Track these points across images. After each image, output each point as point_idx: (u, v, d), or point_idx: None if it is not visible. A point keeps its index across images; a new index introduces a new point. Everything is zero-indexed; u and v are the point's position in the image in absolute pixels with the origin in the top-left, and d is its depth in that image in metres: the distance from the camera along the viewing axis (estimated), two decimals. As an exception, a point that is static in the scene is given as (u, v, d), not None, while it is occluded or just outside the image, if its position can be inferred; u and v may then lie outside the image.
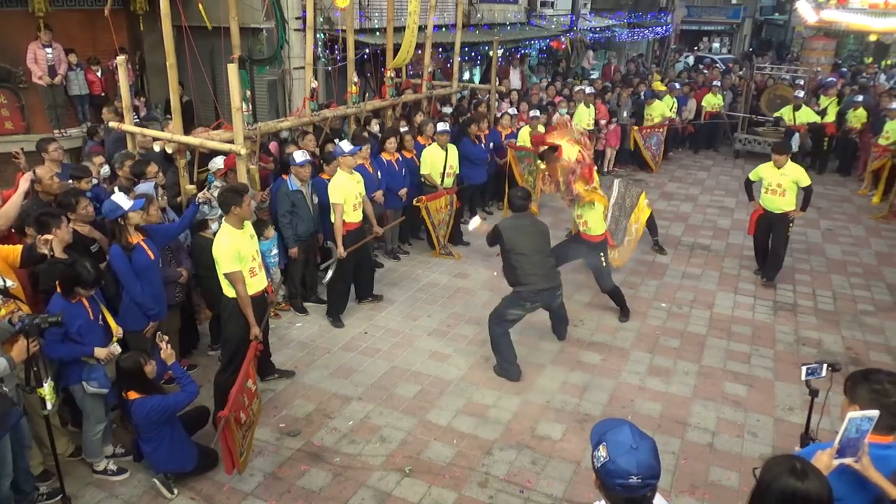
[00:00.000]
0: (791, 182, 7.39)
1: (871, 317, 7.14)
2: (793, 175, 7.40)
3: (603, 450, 2.04)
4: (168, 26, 5.99)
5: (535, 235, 5.65)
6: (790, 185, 7.39)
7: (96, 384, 4.22)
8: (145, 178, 5.54)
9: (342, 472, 4.54)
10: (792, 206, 7.48)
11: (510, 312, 5.66)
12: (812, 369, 3.57)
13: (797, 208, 7.54)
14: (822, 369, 3.54)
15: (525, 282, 5.53)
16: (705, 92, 14.66)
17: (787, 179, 7.40)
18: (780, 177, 7.43)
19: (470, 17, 14.39)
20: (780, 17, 35.92)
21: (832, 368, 3.50)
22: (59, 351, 4.08)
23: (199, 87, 9.96)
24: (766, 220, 7.63)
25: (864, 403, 2.51)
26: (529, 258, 5.53)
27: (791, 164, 7.48)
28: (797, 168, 7.50)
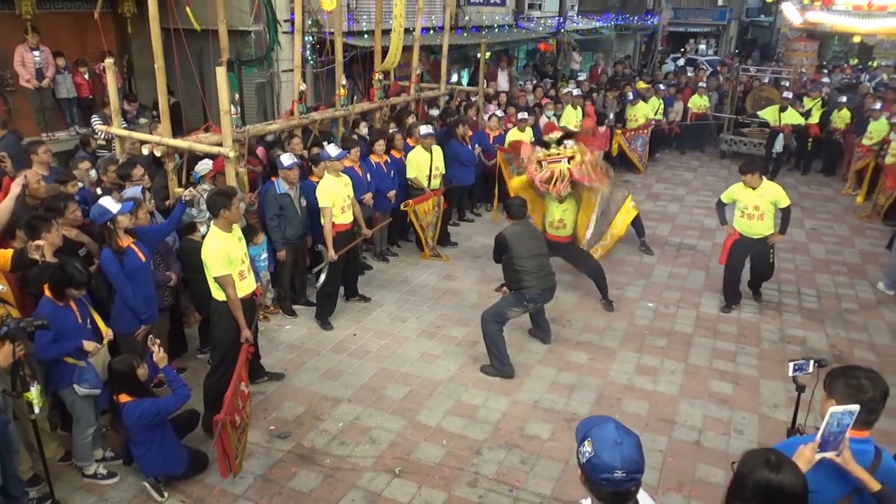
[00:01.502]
0: (769, 203, 6.69)
1: (854, 315, 7.24)
2: (770, 196, 6.70)
3: (588, 445, 2.07)
4: (156, 29, 5.99)
5: (534, 240, 5.90)
6: (768, 207, 6.71)
7: (87, 385, 4.22)
8: (131, 181, 5.54)
9: (332, 474, 4.56)
10: (770, 229, 6.82)
11: (511, 311, 5.84)
12: (799, 365, 3.63)
13: (776, 232, 6.87)
14: (808, 365, 3.60)
15: (528, 284, 5.72)
16: (691, 93, 14.79)
17: (765, 201, 6.70)
18: (756, 198, 6.72)
19: (458, 19, 14.44)
20: (766, 18, 36.26)
21: (819, 364, 3.55)
22: (50, 351, 4.08)
23: (187, 89, 9.96)
24: (742, 246, 6.92)
25: (840, 398, 2.57)
26: (531, 262, 5.74)
27: (767, 183, 6.78)
28: (774, 187, 6.78)
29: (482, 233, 9.48)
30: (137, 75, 11.13)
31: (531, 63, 19.00)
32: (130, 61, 11.13)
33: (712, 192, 11.97)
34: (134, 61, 11.08)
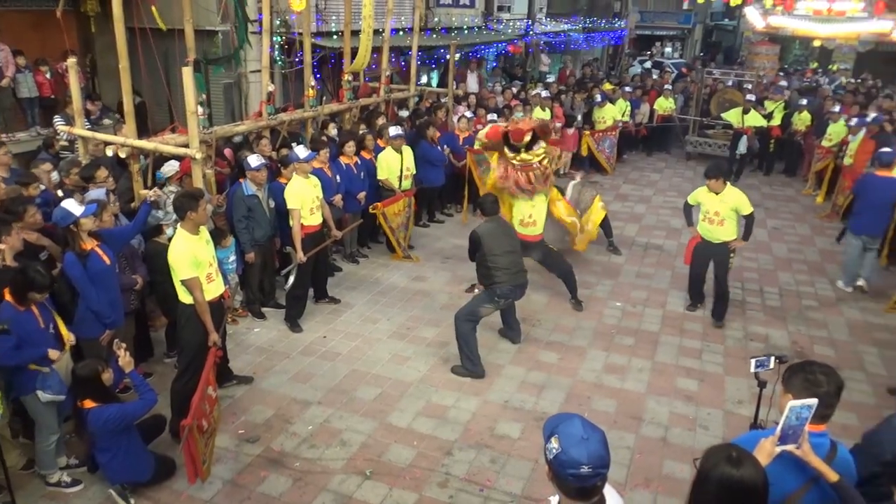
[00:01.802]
0: (730, 210, 6.62)
1: (815, 312, 7.43)
2: (732, 202, 6.61)
3: (555, 441, 2.11)
4: (120, 28, 5.90)
5: (506, 237, 5.96)
6: (729, 214, 6.63)
7: (51, 391, 4.14)
8: (95, 182, 5.45)
9: (302, 477, 4.54)
10: (731, 235, 6.72)
11: (483, 308, 5.88)
12: (761, 362, 3.72)
13: (738, 237, 6.77)
14: (770, 361, 3.69)
15: (500, 280, 5.77)
16: (657, 96, 15.02)
17: (726, 207, 6.63)
18: (718, 203, 6.65)
19: (427, 20, 14.47)
20: (730, 22, 36.94)
21: (780, 360, 3.64)
22: (12, 358, 3.99)
23: (153, 90, 9.81)
24: (703, 249, 6.89)
25: (797, 392, 2.64)
26: (504, 258, 5.79)
27: (730, 189, 6.67)
28: (736, 194, 6.68)
29: (452, 234, 9.51)
30: (101, 75, 10.93)
31: (500, 65, 19.11)
32: (94, 60, 10.92)
33: (678, 192, 12.18)
34: (97, 60, 10.87)
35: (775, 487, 2.41)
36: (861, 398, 5.75)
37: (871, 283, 7.99)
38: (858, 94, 15.14)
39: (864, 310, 7.52)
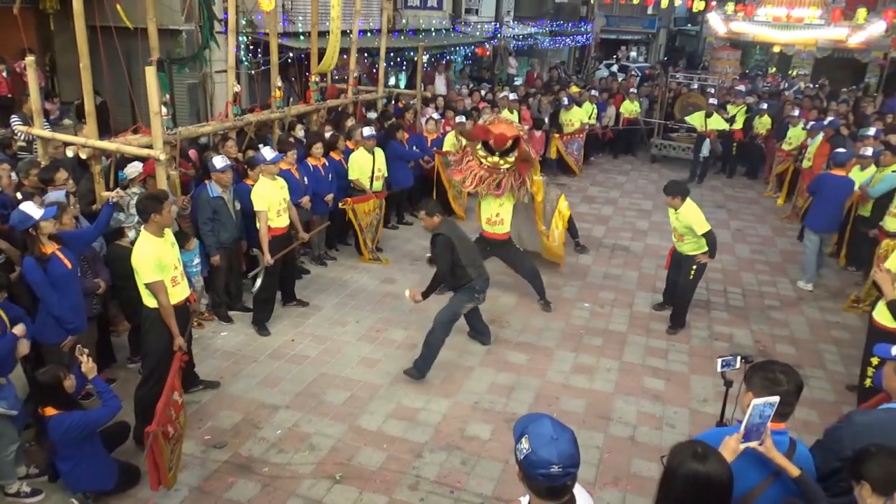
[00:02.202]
0: (684, 227, 6.56)
1: (776, 311, 7.61)
2: (685, 220, 6.50)
3: (525, 442, 2.12)
4: (81, 26, 5.75)
5: (462, 233, 6.02)
6: (685, 231, 6.59)
7: (5, 405, 4.01)
8: (54, 185, 5.30)
9: (271, 483, 4.48)
10: (693, 250, 6.66)
11: (465, 307, 5.95)
12: (727, 361, 3.78)
13: (703, 252, 6.64)
14: (736, 361, 3.76)
15: (473, 276, 5.82)
16: (622, 99, 15.22)
17: (681, 224, 6.57)
18: (674, 220, 6.65)
19: (395, 22, 14.44)
20: (693, 27, 37.60)
21: (745, 361, 3.71)
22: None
23: (115, 89, 9.59)
24: (676, 257, 6.99)
25: (757, 391, 2.70)
26: (469, 255, 5.87)
27: (686, 207, 6.50)
28: (691, 214, 6.49)
29: (421, 235, 9.47)
30: (61, 74, 10.67)
31: (468, 67, 19.18)
32: (53, 59, 10.66)
33: (644, 194, 12.37)
34: (57, 59, 10.61)
35: (738, 482, 2.45)
36: (821, 395, 5.90)
37: (829, 283, 8.22)
38: (816, 98, 15.54)
39: (823, 309, 7.72)
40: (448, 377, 5.88)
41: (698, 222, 6.46)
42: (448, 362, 6.11)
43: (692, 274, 6.73)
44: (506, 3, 20.19)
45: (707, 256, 6.63)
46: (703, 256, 6.62)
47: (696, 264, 6.68)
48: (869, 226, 7.96)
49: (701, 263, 6.66)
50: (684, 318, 7.00)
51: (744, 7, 20.88)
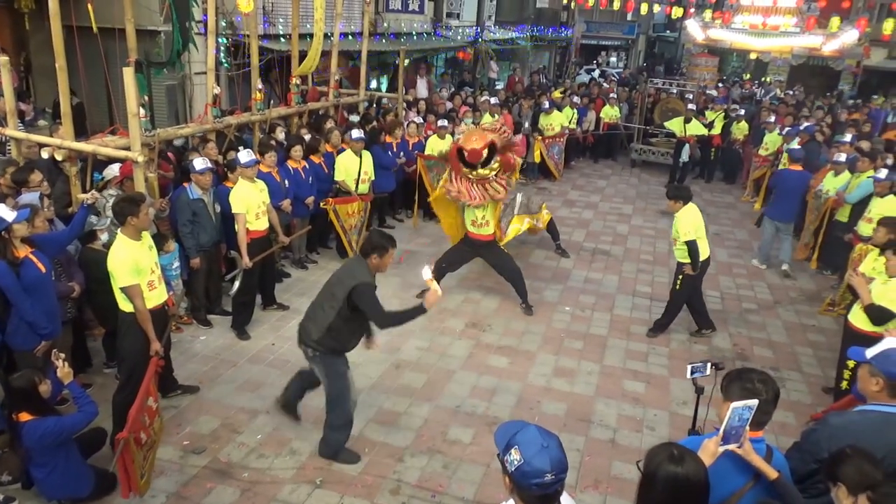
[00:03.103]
0: (676, 231, 6.50)
1: (754, 314, 7.70)
2: (676, 224, 6.49)
3: (516, 453, 2.11)
4: (57, 26, 5.66)
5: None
6: (677, 235, 6.51)
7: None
8: (28, 186, 5.21)
9: (251, 488, 4.43)
10: (682, 257, 6.61)
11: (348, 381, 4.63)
12: (697, 368, 3.79)
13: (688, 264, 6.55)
14: (706, 368, 3.78)
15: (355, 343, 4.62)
16: (603, 104, 15.34)
17: (674, 229, 6.54)
18: (673, 224, 6.62)
19: (376, 25, 14.42)
20: (672, 34, 38.05)
21: (716, 367, 3.74)
22: None
23: (92, 90, 9.47)
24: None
25: (734, 400, 2.71)
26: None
27: (683, 211, 6.45)
28: (682, 220, 6.45)
29: (403, 239, 9.44)
30: (36, 74, 10.49)
31: (450, 71, 19.21)
32: (28, 59, 10.48)
33: (624, 199, 12.46)
34: (32, 59, 10.43)
35: (720, 486, 2.48)
36: (798, 397, 5.98)
37: (805, 286, 8.33)
38: (789, 105, 15.79)
39: (799, 312, 7.83)
40: (429, 381, 5.87)
41: (685, 229, 6.40)
42: (429, 365, 6.10)
43: (678, 284, 6.70)
44: (487, 8, 20.26)
45: (689, 268, 6.52)
46: (689, 268, 6.53)
47: (682, 274, 6.62)
48: (846, 231, 8.10)
49: (686, 275, 6.58)
50: (666, 327, 6.99)
51: (721, 14, 21.19)
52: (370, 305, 4.29)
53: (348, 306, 4.28)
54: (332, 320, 4.33)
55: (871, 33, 21.06)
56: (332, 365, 4.49)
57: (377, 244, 4.39)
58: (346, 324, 4.36)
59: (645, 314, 7.50)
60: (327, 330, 4.35)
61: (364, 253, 4.42)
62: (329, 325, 4.34)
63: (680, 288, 6.72)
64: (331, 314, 4.33)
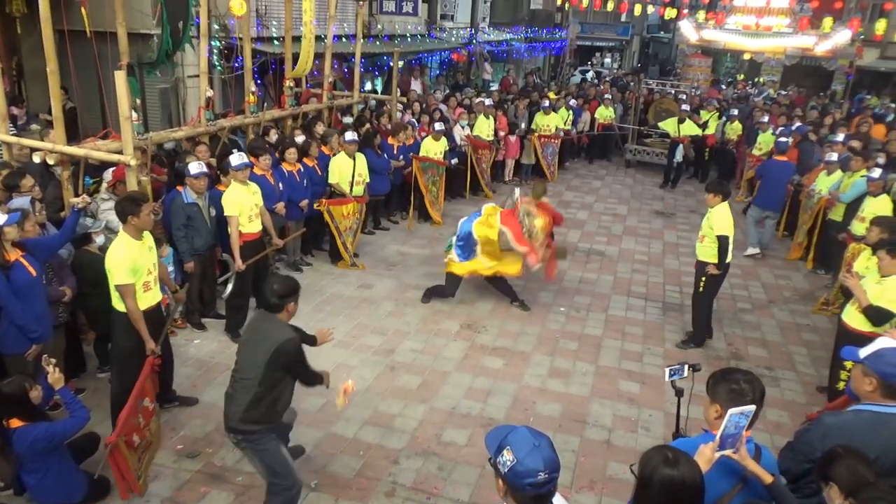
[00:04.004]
0: (708, 227, 6.39)
1: (748, 314, 7.71)
2: (711, 219, 6.38)
3: (508, 454, 2.11)
4: (48, 30, 5.64)
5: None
6: (708, 231, 6.40)
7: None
8: (20, 191, 5.18)
9: (245, 492, 4.41)
10: (708, 257, 6.46)
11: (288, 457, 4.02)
12: (675, 370, 3.74)
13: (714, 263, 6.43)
14: (683, 370, 3.75)
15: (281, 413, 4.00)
16: (597, 105, 15.37)
17: (706, 224, 6.44)
18: (705, 219, 6.52)
19: (370, 27, 14.43)
20: (665, 35, 38.20)
21: (693, 368, 3.73)
22: None
23: (85, 94, 9.45)
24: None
25: (723, 403, 2.68)
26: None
27: (720, 207, 6.35)
28: (717, 214, 6.34)
29: (398, 241, 9.47)
30: (28, 78, 10.47)
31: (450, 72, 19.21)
32: (20, 64, 10.45)
33: (619, 199, 12.48)
34: (24, 64, 10.41)
35: (709, 490, 2.47)
36: (792, 396, 5.99)
37: (799, 286, 8.34)
38: (782, 105, 15.84)
39: (793, 312, 7.85)
40: (424, 383, 5.86)
41: (721, 223, 6.30)
42: (424, 367, 6.10)
43: (701, 286, 6.58)
44: (481, 10, 20.30)
45: (715, 267, 6.43)
46: (712, 267, 6.44)
47: (705, 275, 6.51)
48: (840, 230, 8.12)
49: (710, 275, 6.48)
50: (702, 335, 6.81)
51: (715, 15, 21.27)
52: (296, 364, 3.76)
53: (273, 370, 3.68)
54: (255, 391, 3.69)
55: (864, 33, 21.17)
56: (266, 444, 3.83)
57: (289, 290, 3.81)
58: (271, 391, 3.73)
59: (640, 314, 7.50)
60: (250, 404, 3.70)
61: (273, 307, 3.77)
62: (252, 399, 3.70)
63: (703, 290, 6.60)
64: (254, 390, 3.69)
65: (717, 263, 6.41)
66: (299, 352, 3.78)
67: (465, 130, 11.25)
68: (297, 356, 3.77)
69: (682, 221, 11.36)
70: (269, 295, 3.75)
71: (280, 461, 3.90)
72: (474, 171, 11.48)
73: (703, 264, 6.57)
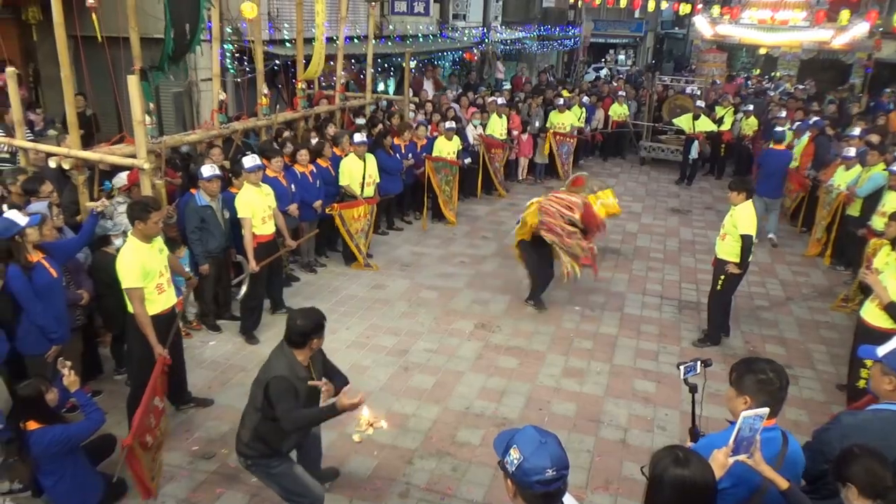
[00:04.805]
0: (732, 225, 6.28)
1: (766, 311, 7.62)
2: (735, 217, 6.27)
3: (515, 452, 2.10)
4: (62, 35, 5.70)
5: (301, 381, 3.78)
6: (731, 230, 6.30)
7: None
8: (38, 196, 5.25)
9: (259, 493, 4.42)
10: (729, 255, 6.36)
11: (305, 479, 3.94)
12: (689, 367, 3.73)
13: (735, 262, 6.33)
14: (697, 366, 3.72)
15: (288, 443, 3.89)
16: (611, 102, 15.27)
17: (730, 221, 6.32)
18: (728, 216, 6.41)
19: (382, 28, 14.44)
20: (680, 31, 37.86)
21: (704, 365, 3.70)
22: None
23: (100, 99, 9.54)
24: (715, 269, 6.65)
25: (752, 394, 2.67)
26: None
27: (745, 205, 6.26)
28: (743, 212, 6.25)
29: (411, 241, 9.47)
30: (45, 85, 10.57)
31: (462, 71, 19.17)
32: (37, 70, 10.57)
33: (633, 197, 12.38)
34: (41, 70, 10.52)
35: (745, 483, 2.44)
36: (811, 395, 5.91)
37: (818, 282, 8.23)
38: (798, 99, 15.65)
39: (811, 309, 7.74)
40: (438, 383, 5.85)
41: (745, 221, 6.19)
42: (438, 367, 6.09)
43: (720, 284, 6.48)
44: (493, 9, 20.24)
45: (736, 267, 6.33)
46: (733, 266, 6.35)
47: (724, 273, 6.42)
48: (858, 225, 8.00)
49: (729, 274, 6.38)
50: (718, 334, 6.75)
51: (729, 10, 21.03)
52: (278, 402, 3.54)
53: (269, 404, 3.61)
54: (257, 422, 3.69)
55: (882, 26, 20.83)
56: (275, 467, 3.82)
57: (313, 326, 3.60)
58: (271, 424, 3.65)
59: (655, 313, 7.44)
60: (253, 432, 3.72)
61: (294, 344, 3.63)
62: (255, 427, 3.71)
63: (722, 289, 6.50)
64: (256, 416, 3.70)
65: (738, 263, 6.31)
66: (281, 392, 3.54)
67: (477, 130, 11.23)
68: (279, 397, 3.53)
69: (697, 218, 11.26)
70: (291, 330, 3.59)
71: (293, 481, 3.86)
72: (487, 170, 11.46)
73: (722, 262, 6.47)
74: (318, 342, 3.68)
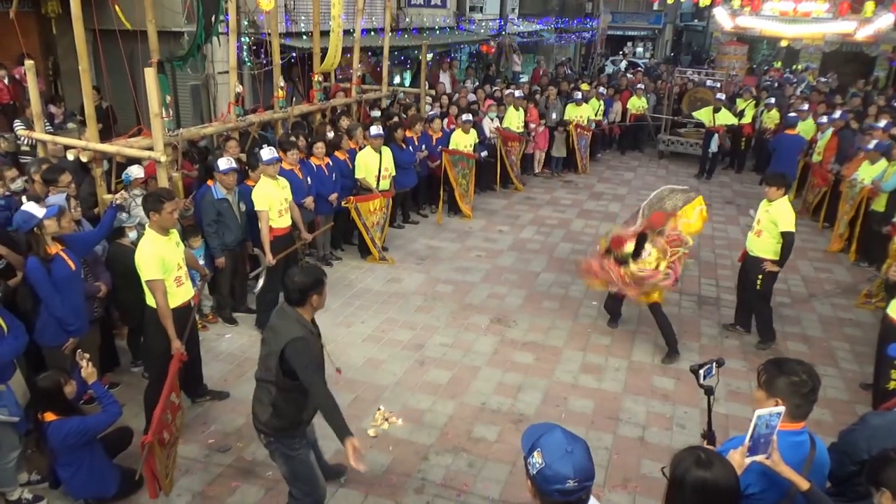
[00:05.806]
0: (770, 222, 6.12)
1: (787, 308, 7.49)
2: (774, 213, 6.09)
3: (538, 456, 2.02)
4: (80, 30, 5.71)
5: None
6: (768, 226, 6.14)
7: (6, 412, 3.96)
8: (57, 187, 5.26)
9: (275, 486, 4.41)
10: (766, 252, 6.22)
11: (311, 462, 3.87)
12: (708, 369, 3.63)
13: (773, 259, 6.21)
14: (713, 368, 3.64)
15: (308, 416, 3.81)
16: (629, 95, 15.11)
17: (768, 218, 6.15)
18: (764, 212, 6.25)
19: (398, 21, 14.38)
20: (699, 23, 37.41)
21: (718, 364, 3.61)
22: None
23: (117, 92, 9.59)
24: (745, 258, 6.59)
25: (785, 396, 2.57)
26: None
27: (783, 200, 6.11)
28: (782, 208, 6.08)
29: (427, 234, 9.43)
30: (64, 78, 10.65)
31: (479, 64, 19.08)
32: (56, 63, 10.63)
33: (651, 190, 12.20)
34: (60, 64, 10.59)
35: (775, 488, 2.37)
36: (835, 394, 5.79)
37: (842, 279, 8.10)
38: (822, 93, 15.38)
39: (835, 305, 7.60)
40: (454, 378, 5.81)
41: (785, 218, 6.03)
42: (454, 362, 6.05)
43: (759, 283, 6.32)
44: (510, 0, 20.10)
45: (775, 265, 6.20)
46: (771, 264, 6.19)
47: (762, 273, 6.26)
48: (883, 221, 7.83)
49: (767, 272, 6.24)
50: (772, 330, 6.57)
51: (750, 2, 20.72)
52: (301, 366, 3.38)
53: (284, 374, 3.48)
54: (274, 396, 3.57)
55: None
56: (296, 450, 3.73)
57: (311, 282, 3.50)
58: (288, 395, 3.55)
59: (674, 308, 7.33)
60: (272, 408, 3.59)
61: (294, 301, 3.52)
62: (272, 403, 3.58)
63: (762, 287, 6.34)
64: (272, 389, 3.57)
65: (778, 261, 6.16)
66: (305, 353, 3.41)
67: (494, 122, 11.15)
68: (303, 357, 3.39)
69: (717, 213, 11.10)
70: (289, 287, 3.50)
71: (308, 469, 3.79)
72: (504, 163, 11.39)
73: (756, 259, 6.30)
74: (317, 299, 3.55)
